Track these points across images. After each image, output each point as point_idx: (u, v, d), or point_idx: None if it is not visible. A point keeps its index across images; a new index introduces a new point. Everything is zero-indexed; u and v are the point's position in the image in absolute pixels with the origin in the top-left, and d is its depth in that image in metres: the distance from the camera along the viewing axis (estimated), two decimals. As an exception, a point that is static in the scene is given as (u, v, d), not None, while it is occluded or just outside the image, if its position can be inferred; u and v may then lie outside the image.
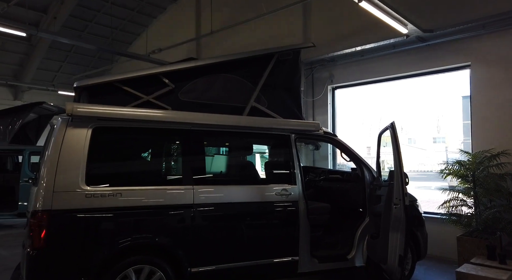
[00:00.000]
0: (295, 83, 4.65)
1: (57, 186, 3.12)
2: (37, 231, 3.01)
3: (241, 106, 4.27)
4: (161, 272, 3.43)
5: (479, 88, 5.99)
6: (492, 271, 4.00)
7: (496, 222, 5.01)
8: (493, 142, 5.60)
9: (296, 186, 4.15)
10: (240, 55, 4.42)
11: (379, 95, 8.52)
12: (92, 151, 3.32)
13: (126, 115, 3.50)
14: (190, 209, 3.60)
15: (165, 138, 4.16)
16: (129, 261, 3.32)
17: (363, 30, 7.21)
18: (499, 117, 5.71)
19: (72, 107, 3.21)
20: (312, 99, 8.20)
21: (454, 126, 6.73)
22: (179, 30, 11.62)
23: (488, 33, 5.87)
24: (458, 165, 5.47)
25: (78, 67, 14.75)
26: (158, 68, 4.04)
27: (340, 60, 7.73)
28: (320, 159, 8.04)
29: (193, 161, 3.82)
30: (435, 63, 6.52)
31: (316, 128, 4.48)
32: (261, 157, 5.91)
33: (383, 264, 4.13)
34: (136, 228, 3.41)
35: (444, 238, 5.85)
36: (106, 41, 13.38)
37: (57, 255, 3.10)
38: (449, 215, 5.52)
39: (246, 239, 3.89)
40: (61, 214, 3.11)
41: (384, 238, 4.03)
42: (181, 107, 3.95)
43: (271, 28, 8.79)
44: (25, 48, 13.07)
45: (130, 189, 3.43)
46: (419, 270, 5.19)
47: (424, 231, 4.87)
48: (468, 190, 5.38)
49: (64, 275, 3.13)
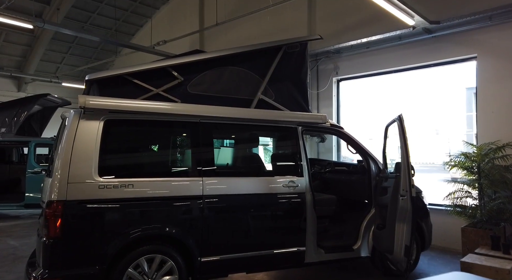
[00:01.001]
0: (302, 75, 4.66)
1: (71, 177, 3.18)
2: (53, 220, 3.08)
3: (248, 99, 4.30)
4: (172, 261, 3.51)
5: (485, 80, 5.99)
6: (496, 261, 4.07)
7: (501, 213, 5.07)
8: (498, 134, 5.63)
9: (303, 178, 4.20)
10: (248, 47, 4.43)
11: (384, 87, 8.58)
12: (104, 143, 3.37)
13: (136, 108, 3.55)
14: (200, 200, 3.66)
15: (175, 131, 4.21)
16: (141, 250, 3.40)
17: (369, 21, 7.19)
18: (505, 109, 5.73)
19: (84, 100, 3.25)
20: (317, 91, 8.21)
21: (457, 118, 6.70)
22: (182, 21, 11.58)
23: (494, 25, 5.85)
24: (463, 157, 5.51)
25: (81, 59, 14.75)
26: (167, 61, 4.06)
27: (345, 52, 7.72)
28: (325, 151, 8.09)
29: (202, 153, 3.87)
30: (441, 55, 6.51)
31: (323, 120, 4.51)
32: (268, 150, 5.95)
33: (389, 254, 4.21)
34: (148, 219, 3.47)
35: (448, 229, 5.93)
36: (109, 33, 13.36)
37: (72, 244, 3.18)
38: (454, 206, 5.58)
39: (254, 229, 3.96)
40: (76, 205, 3.18)
41: (390, 229, 4.10)
42: (190, 99, 3.98)
43: (276, 20, 8.76)
44: (28, 39, 13.06)
45: (141, 180, 3.49)
46: (423, 260, 5.28)
47: (428, 222, 4.94)
48: (473, 181, 5.43)
49: (79, 263, 3.21)
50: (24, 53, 13.50)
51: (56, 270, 3.12)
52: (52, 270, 3.11)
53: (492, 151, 5.35)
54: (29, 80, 14.07)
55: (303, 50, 4.64)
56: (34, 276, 3.10)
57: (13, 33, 12.29)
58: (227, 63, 4.27)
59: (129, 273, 3.34)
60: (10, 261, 5.37)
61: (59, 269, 3.13)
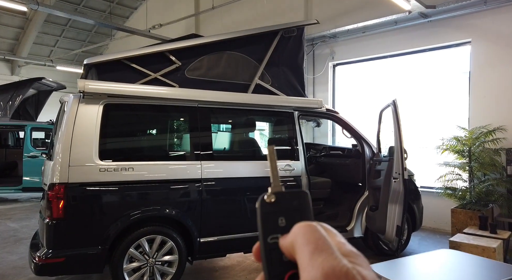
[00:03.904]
0: (299, 60, 4.70)
1: (72, 160, 3.25)
2: (55, 202, 3.17)
3: (246, 84, 4.35)
4: (172, 242, 3.63)
5: (478, 64, 6.07)
6: (484, 240, 4.24)
7: (489, 195, 5.24)
8: (490, 118, 5.75)
9: (299, 162, 4.30)
10: (245, 32, 4.45)
11: (380, 72, 8.55)
12: (104, 127, 3.43)
13: (135, 93, 3.59)
14: (198, 183, 3.76)
15: (173, 115, 4.26)
16: (142, 231, 3.51)
17: (365, 5, 7.17)
18: (497, 93, 5.83)
19: (84, 85, 3.28)
20: (313, 76, 8.24)
21: (455, 102, 6.81)
22: (177, 4, 11.42)
23: (489, 9, 5.89)
24: (455, 141, 5.63)
25: (75, 42, 14.55)
26: (165, 46, 4.07)
27: (341, 37, 7.72)
28: (320, 136, 8.19)
29: (200, 137, 3.94)
30: (436, 39, 6.55)
31: (319, 105, 4.58)
32: (264, 134, 6.03)
33: (381, 235, 4.37)
34: (147, 201, 3.57)
35: (439, 211, 6.12)
36: (103, 16, 13.15)
37: (74, 225, 3.28)
38: (445, 188, 5.74)
39: (252, 211, 4.08)
40: (77, 187, 3.26)
41: (382, 210, 4.24)
42: (188, 84, 4.03)
43: (272, 3, 8.69)
44: (21, 22, 12.83)
45: (142, 163, 3.56)
46: (414, 240, 5.47)
47: (420, 204, 5.10)
48: (464, 164, 5.58)
49: (82, 243, 3.32)
50: (16, 36, 13.28)
51: (59, 250, 3.22)
52: (55, 250, 3.21)
53: (483, 135, 5.47)
54: (22, 64, 13.89)
55: (300, 35, 4.66)
56: (39, 256, 3.20)
57: (5, 15, 12.07)
58: (225, 48, 4.29)
59: (131, 253, 3.46)
60: (11, 242, 5.48)
61: (63, 249, 3.24)
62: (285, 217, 0.39)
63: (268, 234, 0.39)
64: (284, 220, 0.39)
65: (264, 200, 0.40)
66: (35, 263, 3.19)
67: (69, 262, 3.24)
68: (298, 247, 0.34)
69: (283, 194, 0.41)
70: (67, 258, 3.24)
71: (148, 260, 3.52)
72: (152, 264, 3.54)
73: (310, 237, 0.34)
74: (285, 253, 0.37)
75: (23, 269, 4.33)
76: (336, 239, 0.35)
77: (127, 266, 3.43)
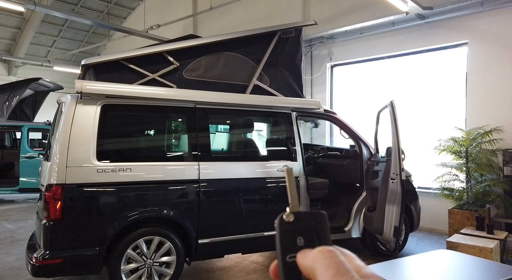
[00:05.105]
0: (297, 61, 4.71)
1: (69, 161, 3.24)
2: (52, 203, 3.16)
3: (244, 85, 4.35)
4: (170, 243, 3.62)
5: (475, 66, 6.09)
6: (481, 240, 4.25)
7: (486, 195, 5.26)
8: (487, 119, 5.77)
9: (297, 163, 4.31)
10: (243, 33, 4.45)
11: (377, 73, 8.55)
12: (102, 128, 3.42)
13: (133, 93, 3.58)
14: (196, 184, 3.75)
15: (171, 116, 4.26)
16: (139, 232, 3.50)
17: (363, 6, 7.19)
18: (494, 94, 5.86)
19: (81, 85, 3.28)
20: (310, 77, 8.25)
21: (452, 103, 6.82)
22: (175, 4, 11.42)
23: (486, 11, 5.92)
24: (452, 142, 5.66)
25: (72, 43, 14.51)
26: (163, 46, 4.07)
27: (339, 38, 7.74)
28: (318, 136, 8.20)
29: (198, 138, 3.93)
30: (433, 41, 6.58)
31: (317, 106, 4.59)
32: (262, 135, 6.03)
33: (379, 235, 4.38)
34: (145, 202, 3.56)
35: (436, 212, 6.14)
36: (100, 16, 13.12)
37: (72, 226, 3.26)
38: (442, 189, 5.76)
39: (250, 212, 4.08)
40: (75, 188, 3.25)
41: (380, 211, 4.25)
42: (186, 85, 4.02)
43: (270, 4, 8.71)
44: (18, 22, 12.79)
45: (140, 164, 3.56)
46: (411, 241, 5.48)
47: (417, 205, 5.11)
48: (461, 165, 5.60)
49: (79, 244, 3.30)
50: (13, 36, 13.23)
51: (57, 251, 3.21)
52: (53, 251, 3.19)
53: (480, 135, 5.50)
54: (19, 64, 13.84)
55: (298, 36, 4.67)
56: (36, 257, 3.19)
57: (2, 15, 12.02)
58: (223, 48, 4.29)
59: (129, 254, 3.45)
60: (8, 243, 5.45)
61: (60, 250, 3.22)
62: (303, 236, 0.41)
63: (287, 253, 0.40)
64: (303, 239, 0.41)
65: (283, 219, 0.42)
66: (32, 264, 3.17)
67: (66, 263, 3.22)
68: (319, 271, 0.37)
69: (301, 214, 0.42)
70: (65, 259, 3.22)
71: (146, 261, 3.52)
72: (150, 265, 3.53)
73: (330, 262, 0.37)
74: (303, 273, 0.39)
75: (20, 270, 4.31)
76: (354, 262, 0.38)
77: (124, 267, 3.42)
